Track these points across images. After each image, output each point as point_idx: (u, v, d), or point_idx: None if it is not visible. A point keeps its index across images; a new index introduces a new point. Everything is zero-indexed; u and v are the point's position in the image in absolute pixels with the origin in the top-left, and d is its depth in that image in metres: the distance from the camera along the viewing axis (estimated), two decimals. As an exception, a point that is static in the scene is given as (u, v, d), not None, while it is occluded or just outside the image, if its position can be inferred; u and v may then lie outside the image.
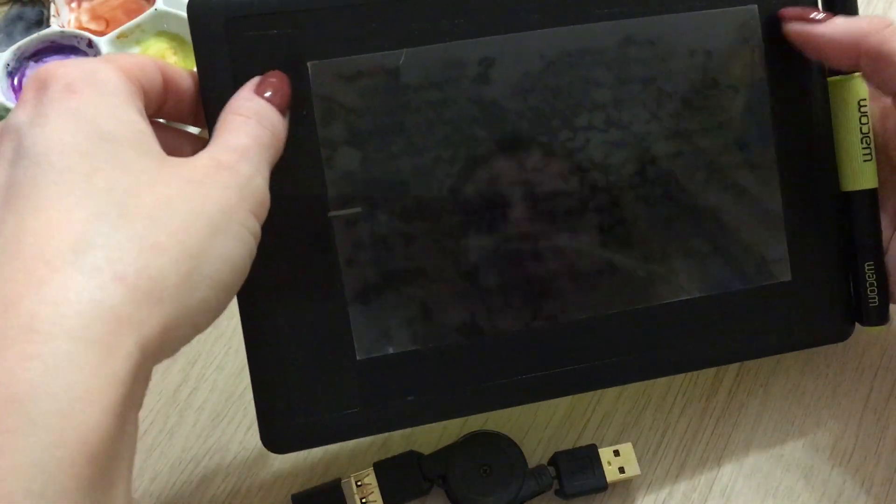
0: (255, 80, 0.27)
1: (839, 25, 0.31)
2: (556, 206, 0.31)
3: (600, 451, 0.33)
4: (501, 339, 0.30)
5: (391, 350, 0.30)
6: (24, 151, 0.21)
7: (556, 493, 0.33)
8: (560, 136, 0.31)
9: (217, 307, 0.23)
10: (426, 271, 0.30)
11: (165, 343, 0.21)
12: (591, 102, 0.31)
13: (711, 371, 0.36)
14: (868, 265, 0.33)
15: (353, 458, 0.34)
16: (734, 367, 0.36)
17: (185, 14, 0.39)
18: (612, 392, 0.36)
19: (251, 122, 0.25)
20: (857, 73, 0.32)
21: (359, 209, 0.29)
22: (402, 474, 0.32)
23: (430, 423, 0.31)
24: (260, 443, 0.30)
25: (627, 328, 0.31)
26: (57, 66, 0.23)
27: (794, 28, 0.31)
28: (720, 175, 0.32)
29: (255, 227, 0.24)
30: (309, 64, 0.29)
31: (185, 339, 0.22)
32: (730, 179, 0.32)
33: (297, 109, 0.28)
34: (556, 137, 0.31)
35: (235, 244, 0.23)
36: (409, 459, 0.33)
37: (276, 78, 0.27)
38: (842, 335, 0.33)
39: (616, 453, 0.33)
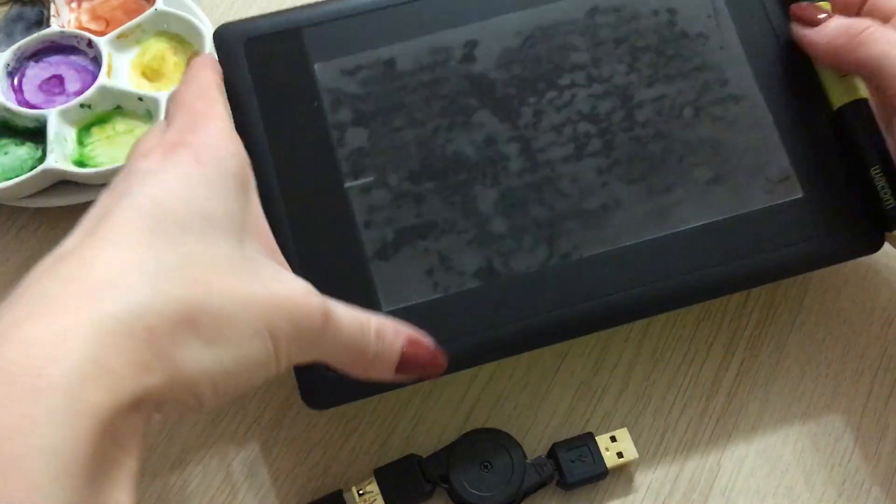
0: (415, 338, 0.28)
1: (826, 35, 0.33)
2: (553, 156, 0.33)
3: (597, 438, 0.33)
4: (519, 279, 0.32)
5: (415, 300, 0.32)
6: (131, 193, 0.23)
7: (558, 484, 0.33)
8: (547, 96, 0.34)
9: (219, 393, 0.23)
10: (438, 224, 0.32)
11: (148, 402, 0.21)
12: (570, 65, 0.34)
13: (712, 371, 0.36)
14: (874, 170, 0.33)
15: (352, 463, 0.34)
16: (734, 367, 0.36)
17: (185, 14, 0.41)
18: (612, 392, 0.36)
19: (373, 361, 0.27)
20: None
21: (371, 178, 0.33)
22: (404, 478, 0.32)
23: (461, 370, 0.32)
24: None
25: (643, 259, 0.32)
26: (200, 132, 0.26)
27: (794, 29, 0.35)
28: (706, 110, 0.34)
29: (284, 358, 0.24)
30: (315, 65, 0.34)
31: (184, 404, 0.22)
32: (718, 112, 0.34)
33: (308, 103, 0.33)
34: (543, 97, 0.34)
35: (261, 358, 0.23)
36: (409, 463, 0.33)
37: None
38: (872, 247, 0.34)
39: (613, 439, 0.33)
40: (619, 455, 0.33)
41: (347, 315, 0.26)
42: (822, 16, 0.34)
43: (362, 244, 0.32)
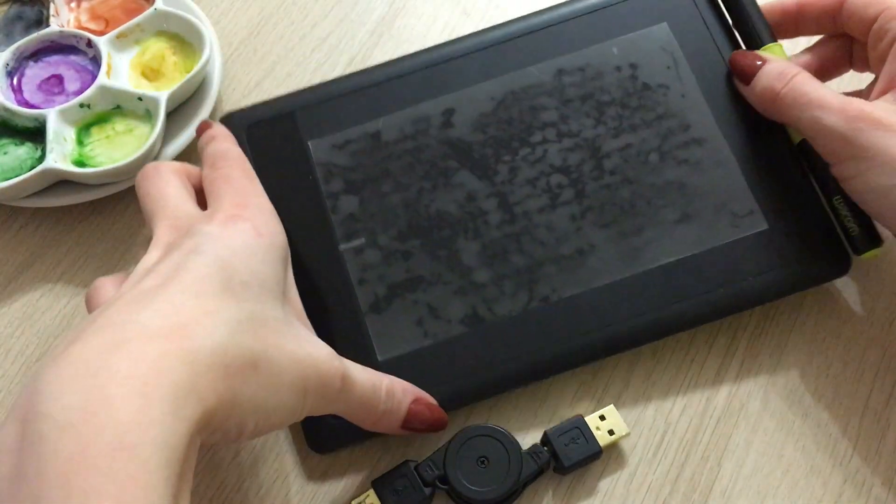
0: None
1: (754, 95, 0.36)
2: (529, 207, 0.36)
3: (587, 418, 0.33)
4: (503, 323, 0.35)
5: (407, 349, 0.34)
6: (202, 251, 0.27)
7: (555, 469, 0.33)
8: (521, 153, 0.37)
9: (257, 428, 0.26)
10: (425, 278, 0.35)
11: (214, 422, 0.24)
12: (541, 122, 0.37)
13: (712, 371, 0.36)
14: (836, 199, 0.35)
15: (348, 471, 0.34)
16: (734, 366, 0.36)
17: (184, 14, 0.41)
18: (612, 392, 0.36)
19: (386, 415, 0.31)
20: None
21: (363, 240, 0.36)
22: (402, 486, 0.32)
23: (453, 410, 0.34)
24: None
25: (619, 297, 0.35)
26: (254, 207, 0.30)
27: (735, 80, 0.37)
28: (671, 154, 0.37)
29: (308, 408, 0.28)
30: (309, 143, 0.38)
31: (229, 432, 0.25)
32: (682, 156, 0.37)
33: (304, 176, 0.37)
34: (517, 154, 0.37)
35: (294, 406, 0.27)
36: (406, 469, 0.33)
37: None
38: (839, 271, 0.36)
39: (602, 417, 0.34)
40: (611, 432, 0.33)
41: (362, 376, 0.30)
42: (759, 63, 0.36)
43: (357, 300, 0.35)
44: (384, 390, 0.31)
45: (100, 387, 0.22)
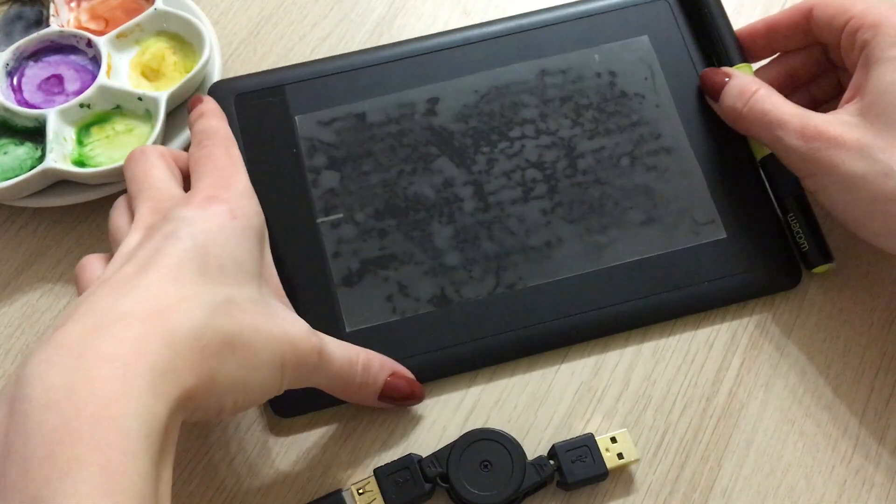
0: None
1: (721, 111, 0.38)
2: (503, 198, 0.38)
3: (598, 438, 0.33)
4: (469, 306, 0.36)
5: (375, 322, 0.36)
6: (179, 236, 0.28)
7: (558, 484, 0.33)
8: (499, 146, 0.39)
9: (236, 405, 0.28)
10: (398, 256, 0.37)
11: (193, 402, 0.25)
12: (520, 119, 0.39)
13: (712, 371, 0.36)
14: (790, 217, 0.37)
15: (352, 463, 0.34)
16: (734, 366, 0.36)
17: (184, 13, 0.41)
18: (612, 392, 0.36)
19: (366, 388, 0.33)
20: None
21: (340, 215, 0.37)
22: (403, 478, 0.32)
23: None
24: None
25: (581, 290, 0.36)
26: (232, 189, 0.31)
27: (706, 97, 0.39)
28: (641, 160, 0.39)
29: (286, 383, 0.29)
30: (295, 117, 0.39)
31: (208, 410, 0.27)
32: (651, 162, 0.39)
33: (288, 149, 0.38)
34: (495, 146, 0.39)
35: (272, 382, 0.28)
36: (409, 462, 0.33)
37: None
38: (789, 283, 0.37)
39: (613, 440, 0.33)
40: (620, 456, 0.33)
41: (339, 352, 0.31)
42: (726, 80, 0.37)
43: (330, 271, 0.36)
44: (360, 365, 0.32)
45: (81, 368, 0.23)
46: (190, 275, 0.27)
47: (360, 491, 0.32)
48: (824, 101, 0.40)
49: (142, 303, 0.25)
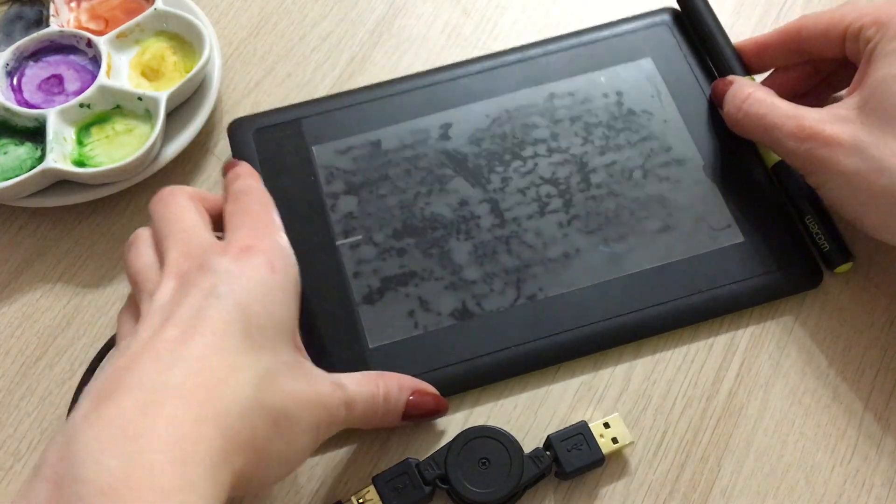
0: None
1: (724, 112, 0.39)
2: (519, 214, 0.38)
3: (591, 425, 0.33)
4: (491, 317, 0.36)
5: (397, 337, 0.36)
6: (219, 294, 0.27)
7: (557, 475, 0.33)
8: (513, 165, 0.40)
9: (277, 476, 0.28)
10: (418, 273, 0.37)
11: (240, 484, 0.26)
12: (532, 139, 0.40)
13: (712, 371, 0.36)
14: (807, 219, 0.38)
15: (351, 472, 0.34)
16: (734, 367, 0.36)
17: (184, 13, 0.41)
18: (612, 392, 0.36)
19: (380, 410, 0.32)
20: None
21: (359, 236, 0.38)
22: (403, 483, 0.32)
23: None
24: None
25: (600, 298, 0.36)
26: (269, 239, 0.30)
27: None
28: (653, 172, 0.39)
29: (319, 442, 0.29)
30: (313, 147, 0.40)
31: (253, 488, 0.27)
32: (663, 174, 0.39)
33: (306, 177, 0.39)
34: (509, 166, 0.40)
35: (310, 446, 0.29)
36: (407, 467, 0.33)
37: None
38: (811, 283, 0.38)
39: (606, 425, 0.34)
40: (614, 440, 0.33)
41: (361, 393, 0.31)
42: (728, 86, 0.38)
43: (351, 291, 0.37)
44: (381, 396, 0.32)
45: (139, 452, 0.23)
46: (234, 341, 0.27)
47: (361, 500, 0.32)
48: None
49: (192, 378, 0.25)
